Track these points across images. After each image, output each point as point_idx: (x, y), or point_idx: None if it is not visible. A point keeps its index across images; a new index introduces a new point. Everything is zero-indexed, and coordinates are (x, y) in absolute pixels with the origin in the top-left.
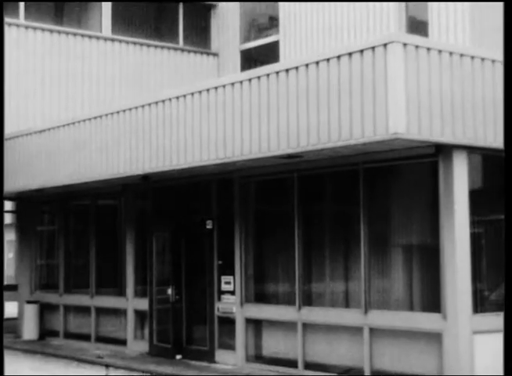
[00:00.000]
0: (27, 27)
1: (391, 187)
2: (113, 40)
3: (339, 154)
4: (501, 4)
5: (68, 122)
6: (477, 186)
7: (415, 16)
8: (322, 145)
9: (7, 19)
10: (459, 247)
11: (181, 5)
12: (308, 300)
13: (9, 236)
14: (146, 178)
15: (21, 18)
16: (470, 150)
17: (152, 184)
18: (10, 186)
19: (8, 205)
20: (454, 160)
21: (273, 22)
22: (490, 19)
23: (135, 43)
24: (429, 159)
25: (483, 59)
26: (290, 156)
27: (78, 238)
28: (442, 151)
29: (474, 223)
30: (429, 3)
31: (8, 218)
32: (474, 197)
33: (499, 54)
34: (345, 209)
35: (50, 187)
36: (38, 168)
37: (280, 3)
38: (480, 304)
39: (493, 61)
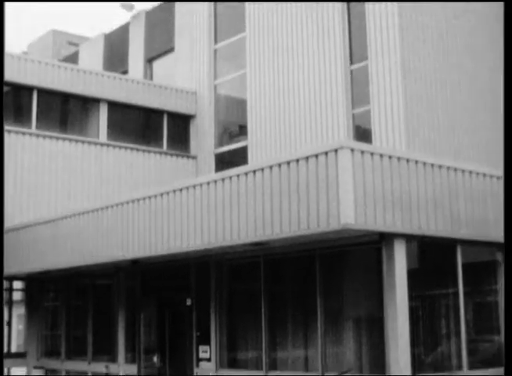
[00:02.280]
0: (37, 135)
1: (343, 269)
2: (108, 145)
3: (299, 241)
4: (434, 110)
5: (70, 214)
6: (415, 266)
7: (360, 124)
8: (284, 234)
9: (21, 129)
10: (400, 318)
11: (165, 116)
12: (274, 365)
13: (19, 311)
14: (135, 262)
15: (33, 127)
16: (408, 237)
17: (140, 266)
18: (20, 268)
19: (18, 284)
20: (395, 246)
21: (243, 129)
22: (423, 125)
23: (126, 148)
24: (374, 245)
25: (416, 162)
26: (257, 243)
27: (78, 312)
28: (385, 239)
29: (412, 298)
30: (372, 115)
31: (18, 296)
32: (413, 276)
33: (430, 158)
34: (304, 288)
35: (54, 269)
36: (45, 253)
37: (248, 114)
38: (418, 365)
39: (424, 163)
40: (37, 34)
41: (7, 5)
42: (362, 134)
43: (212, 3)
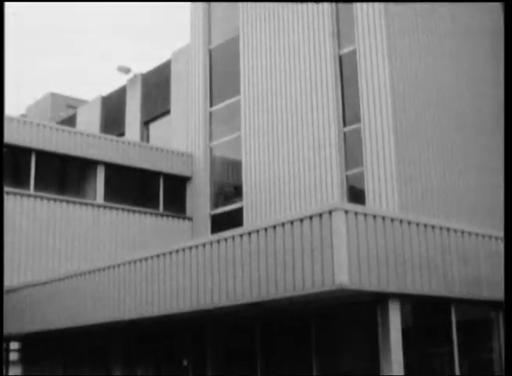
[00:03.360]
0: (35, 197)
1: (338, 328)
2: (105, 207)
3: (295, 301)
4: (425, 174)
5: (67, 275)
6: (409, 325)
7: (354, 185)
8: (280, 295)
9: (20, 191)
10: (395, 372)
11: (161, 178)
12: None
13: (16, 372)
14: (132, 322)
15: (31, 189)
16: (402, 297)
17: (136, 326)
18: (18, 328)
19: (15, 345)
20: (389, 308)
21: (238, 191)
22: (416, 186)
23: (123, 209)
24: (369, 304)
25: (409, 222)
26: (252, 304)
27: (75, 369)
28: (379, 299)
29: (407, 357)
30: (365, 176)
31: (15, 356)
32: (407, 335)
33: (422, 218)
34: (300, 346)
35: (52, 330)
36: (42, 314)
37: (243, 175)
38: None
39: (417, 224)
40: (36, 97)
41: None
42: (356, 195)
43: (208, 66)
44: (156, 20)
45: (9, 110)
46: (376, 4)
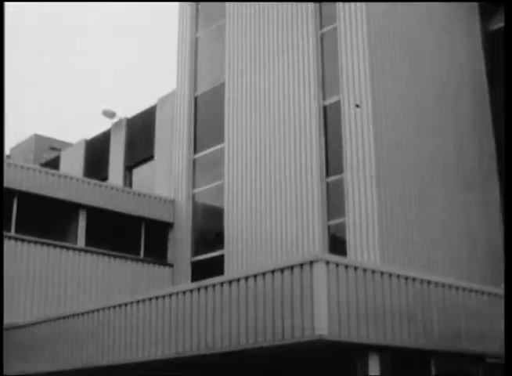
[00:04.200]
0: (16, 239)
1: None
2: (86, 251)
3: (274, 351)
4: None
5: (46, 319)
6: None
7: (336, 236)
8: (259, 344)
9: None
10: None
11: (143, 223)
12: None
13: None
14: (110, 368)
15: (12, 231)
16: (382, 349)
17: (116, 372)
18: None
19: None
20: (369, 357)
21: (220, 239)
22: (398, 238)
23: (104, 254)
24: (349, 356)
25: (390, 274)
26: (232, 353)
27: None
28: (359, 350)
29: None
30: (347, 227)
31: None
32: None
33: (403, 270)
34: None
35: (30, 374)
36: (21, 358)
37: (225, 223)
38: None
39: (398, 276)
40: (20, 138)
41: None
42: (338, 245)
43: (192, 113)
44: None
45: None
46: (361, 54)
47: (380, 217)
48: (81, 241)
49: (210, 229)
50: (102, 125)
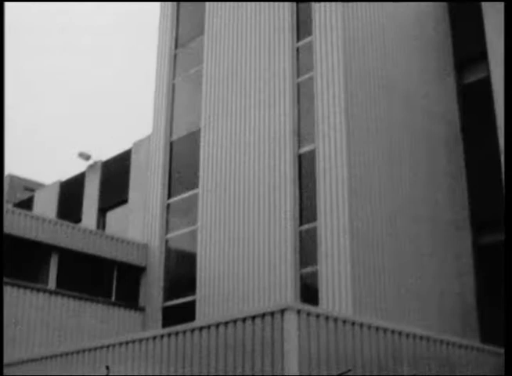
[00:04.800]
0: None
1: None
2: (56, 293)
3: None
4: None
5: (14, 362)
6: None
7: (308, 284)
8: None
9: None
10: None
11: (116, 267)
12: None
13: None
14: None
15: None
16: None
17: None
18: None
19: None
20: None
21: (192, 284)
22: (370, 287)
23: (74, 297)
24: None
25: (362, 325)
26: None
27: None
28: None
29: None
30: (319, 276)
31: None
32: None
33: (375, 321)
34: None
35: None
36: None
37: (198, 269)
38: None
39: (369, 326)
40: None
41: None
42: (310, 294)
43: (168, 158)
44: (119, 108)
45: None
46: (337, 104)
47: (352, 266)
48: (51, 283)
49: (182, 274)
50: (77, 167)
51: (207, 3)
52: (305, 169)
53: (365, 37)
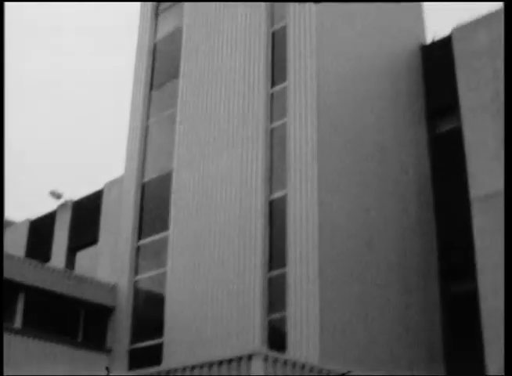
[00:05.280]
0: None
1: None
2: (22, 332)
3: None
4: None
5: None
6: None
7: (276, 330)
8: None
9: None
10: None
11: (83, 307)
12: None
13: None
14: None
15: None
16: None
17: None
18: None
19: None
20: None
21: (159, 327)
22: (339, 334)
23: (40, 337)
24: None
25: (329, 371)
26: None
27: None
28: None
29: None
30: (287, 321)
31: None
32: None
33: (343, 368)
34: None
35: None
36: None
37: (166, 311)
38: None
39: (336, 374)
40: None
41: None
42: (278, 340)
43: (139, 200)
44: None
45: None
46: (310, 152)
47: (321, 313)
48: (17, 322)
49: (150, 317)
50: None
51: (183, 46)
52: (276, 215)
53: (339, 86)
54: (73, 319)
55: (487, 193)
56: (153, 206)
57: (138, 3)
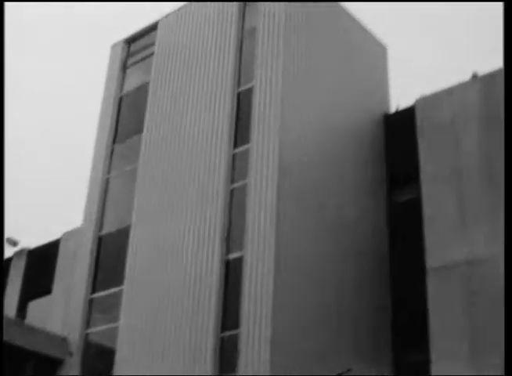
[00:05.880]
0: None
1: None
2: None
3: None
4: None
5: None
6: None
7: None
8: None
9: None
10: None
11: (33, 358)
12: None
13: None
14: None
15: None
16: None
17: None
18: None
19: None
20: None
21: None
22: None
23: None
24: None
25: None
26: None
27: None
28: None
29: None
30: None
31: None
32: None
33: None
34: None
35: None
36: None
37: (116, 367)
38: None
39: None
40: None
41: None
42: None
43: (95, 252)
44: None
45: None
46: (268, 214)
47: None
48: None
49: (99, 371)
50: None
51: (148, 101)
52: (232, 275)
53: (301, 150)
54: (21, 370)
55: (442, 264)
56: (109, 259)
57: (108, 54)
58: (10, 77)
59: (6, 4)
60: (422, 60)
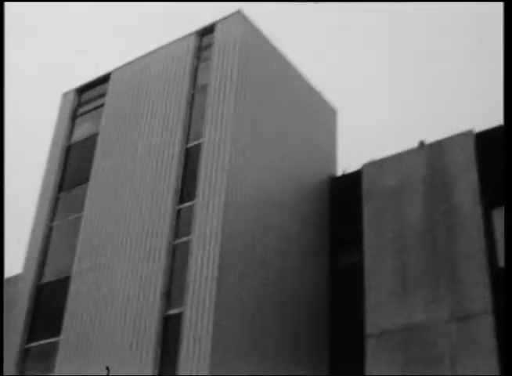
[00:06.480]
0: None
1: None
2: None
3: None
4: None
5: None
6: None
7: None
8: None
9: None
10: None
11: None
12: None
13: None
14: None
15: None
16: None
17: None
18: None
19: None
20: None
21: None
22: None
23: None
24: None
25: None
26: None
27: None
28: None
29: None
30: None
31: None
32: None
33: None
34: None
35: None
36: None
37: None
38: None
39: None
40: None
41: None
42: None
43: (33, 300)
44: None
45: None
46: (210, 272)
47: None
48: None
49: None
50: None
51: (96, 153)
52: (171, 331)
53: (247, 209)
54: None
55: (381, 331)
56: (47, 309)
57: (58, 103)
58: None
59: None
60: (372, 124)
